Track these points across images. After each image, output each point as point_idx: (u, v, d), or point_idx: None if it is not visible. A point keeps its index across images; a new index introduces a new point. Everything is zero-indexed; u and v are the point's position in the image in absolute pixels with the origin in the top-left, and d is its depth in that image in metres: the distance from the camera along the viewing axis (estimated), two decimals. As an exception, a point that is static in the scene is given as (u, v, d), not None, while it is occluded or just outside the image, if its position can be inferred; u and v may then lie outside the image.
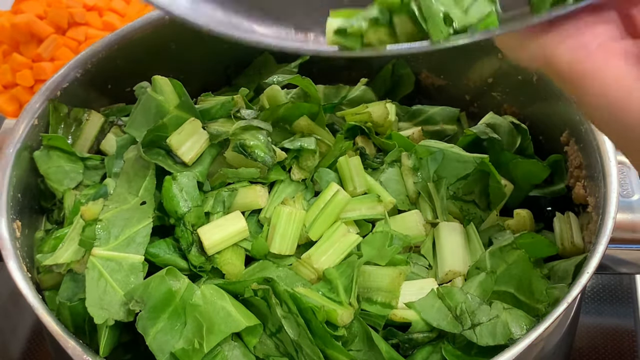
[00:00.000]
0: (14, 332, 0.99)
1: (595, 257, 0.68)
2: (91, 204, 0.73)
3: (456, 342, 0.69)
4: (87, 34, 1.24)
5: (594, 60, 0.47)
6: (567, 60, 0.48)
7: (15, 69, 1.21)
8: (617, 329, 0.96)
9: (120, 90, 0.92)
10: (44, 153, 0.83)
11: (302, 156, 0.77)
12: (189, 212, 0.72)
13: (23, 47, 1.23)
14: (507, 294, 0.72)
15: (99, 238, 0.69)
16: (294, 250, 0.73)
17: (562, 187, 0.84)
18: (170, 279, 0.66)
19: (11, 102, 1.21)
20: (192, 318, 0.65)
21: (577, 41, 0.48)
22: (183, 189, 0.73)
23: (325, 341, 0.65)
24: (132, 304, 0.66)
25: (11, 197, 0.77)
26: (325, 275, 0.70)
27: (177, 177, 0.73)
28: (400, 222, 0.77)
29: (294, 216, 0.72)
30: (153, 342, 0.64)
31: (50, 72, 1.17)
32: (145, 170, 0.75)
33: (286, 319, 0.66)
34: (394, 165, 0.81)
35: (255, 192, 0.75)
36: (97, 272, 0.68)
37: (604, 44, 0.47)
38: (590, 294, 1.00)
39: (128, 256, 0.69)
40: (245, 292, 0.67)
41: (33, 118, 0.82)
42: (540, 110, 0.87)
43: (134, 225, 0.71)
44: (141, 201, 0.73)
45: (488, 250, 0.74)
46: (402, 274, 0.70)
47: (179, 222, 0.72)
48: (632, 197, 0.80)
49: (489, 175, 0.80)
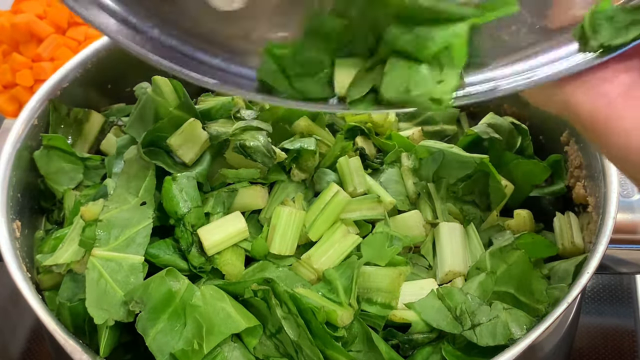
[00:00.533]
0: (13, 332, 0.99)
1: (596, 257, 0.68)
2: (91, 204, 0.73)
3: (456, 342, 0.69)
4: (87, 33, 1.24)
5: (615, 109, 0.48)
6: (589, 109, 0.48)
7: (15, 69, 1.21)
8: (617, 329, 0.96)
9: (121, 90, 0.92)
10: (44, 153, 0.83)
11: (302, 157, 0.77)
12: (188, 213, 0.72)
13: (23, 47, 1.23)
14: (507, 295, 0.72)
15: (99, 238, 0.69)
16: (293, 251, 0.73)
17: (562, 187, 0.84)
18: (170, 280, 0.66)
19: (11, 102, 1.21)
20: (191, 319, 0.65)
21: (598, 90, 0.49)
22: (183, 190, 0.73)
23: (325, 342, 0.65)
24: (132, 304, 0.65)
25: (11, 197, 0.77)
26: (325, 275, 0.70)
27: (177, 178, 0.73)
28: (401, 223, 0.77)
29: (294, 216, 0.72)
30: (153, 343, 0.64)
31: (50, 72, 1.16)
32: (145, 170, 0.74)
33: (286, 319, 0.66)
34: (394, 166, 0.82)
35: (255, 193, 0.75)
36: (97, 272, 0.68)
37: (625, 92, 0.48)
38: (591, 294, 1.00)
39: (128, 257, 0.69)
40: (245, 292, 0.67)
41: (33, 118, 0.83)
42: (540, 111, 0.86)
43: (134, 225, 0.71)
44: (141, 201, 0.73)
45: (488, 251, 0.74)
46: (402, 274, 0.70)
47: (179, 222, 0.72)
48: (632, 197, 0.80)
49: (489, 175, 0.80)
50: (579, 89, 0.49)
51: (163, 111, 0.78)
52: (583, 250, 0.77)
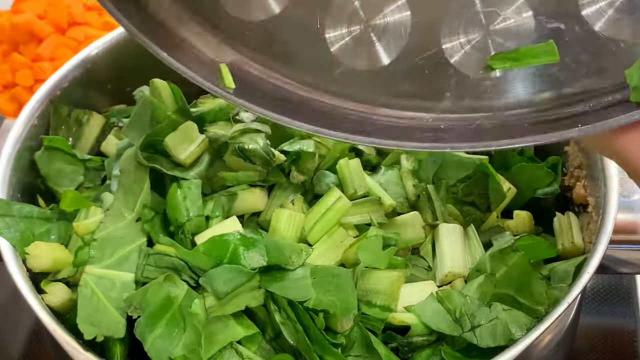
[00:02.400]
0: (14, 332, 1.00)
1: (596, 257, 0.68)
2: (85, 221, 0.73)
3: (455, 344, 0.69)
4: (87, 33, 1.25)
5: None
6: (636, 157, 0.50)
7: (15, 69, 1.22)
8: (618, 329, 0.96)
9: (120, 90, 0.92)
10: (45, 154, 0.83)
11: (302, 159, 0.77)
12: (189, 221, 0.72)
13: (23, 46, 1.23)
14: (507, 296, 0.72)
15: (93, 256, 0.70)
16: (292, 254, 0.73)
17: (556, 187, 0.84)
18: (169, 286, 0.66)
19: (11, 102, 1.21)
20: (191, 326, 0.65)
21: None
22: (187, 197, 0.73)
23: (324, 347, 0.65)
24: (131, 309, 0.66)
25: (10, 197, 0.77)
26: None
27: (183, 185, 0.74)
28: (400, 225, 0.77)
29: (294, 219, 0.72)
30: (151, 349, 0.64)
31: (50, 72, 1.17)
32: (141, 183, 0.75)
33: (285, 325, 0.66)
34: (393, 168, 0.81)
35: (254, 195, 0.75)
36: (90, 289, 0.68)
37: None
38: (591, 294, 1.00)
39: (121, 274, 0.70)
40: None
41: (33, 118, 0.83)
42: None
43: (128, 243, 0.71)
44: (137, 217, 0.73)
45: (488, 253, 0.74)
46: (401, 277, 0.70)
47: (179, 229, 0.72)
48: (632, 197, 0.80)
49: (489, 176, 0.80)
50: (627, 136, 0.50)
51: (161, 115, 0.78)
52: (583, 250, 0.77)
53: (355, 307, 0.66)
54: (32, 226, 0.74)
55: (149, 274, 0.69)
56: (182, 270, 0.68)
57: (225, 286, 0.64)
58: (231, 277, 0.65)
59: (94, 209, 0.76)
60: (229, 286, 0.64)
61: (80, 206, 0.76)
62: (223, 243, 0.67)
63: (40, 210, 0.77)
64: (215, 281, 0.65)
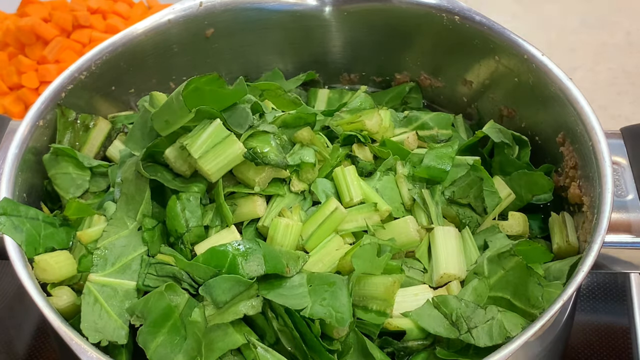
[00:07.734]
0: (19, 329, 1.00)
1: (591, 255, 0.68)
2: (89, 230, 0.74)
3: (451, 347, 0.70)
4: (92, 36, 1.26)
5: None
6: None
7: (21, 71, 1.22)
8: (612, 326, 0.97)
9: (124, 92, 0.93)
10: (53, 157, 0.84)
11: (302, 169, 0.77)
12: (188, 232, 0.73)
13: (28, 49, 1.24)
14: (503, 300, 0.72)
15: (96, 265, 0.71)
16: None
17: (550, 194, 0.85)
18: (170, 294, 0.67)
19: (17, 104, 1.22)
20: (191, 334, 0.66)
21: None
22: (186, 209, 0.74)
23: (320, 354, 0.66)
24: (133, 318, 0.67)
25: (16, 197, 0.78)
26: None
27: (182, 197, 0.74)
28: (395, 229, 0.76)
29: (291, 228, 0.73)
30: (154, 356, 0.66)
31: (55, 74, 1.18)
32: (142, 193, 0.75)
33: (282, 332, 0.67)
34: (389, 174, 0.81)
35: (254, 203, 0.75)
36: (93, 297, 0.69)
37: None
38: (585, 292, 1.01)
39: (123, 282, 0.71)
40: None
41: (38, 119, 0.83)
42: (536, 112, 0.87)
43: (130, 253, 0.73)
44: (138, 226, 0.74)
45: (486, 257, 0.75)
46: (396, 282, 0.70)
47: (178, 240, 0.73)
48: (627, 196, 0.80)
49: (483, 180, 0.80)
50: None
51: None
52: (578, 249, 0.78)
53: (351, 316, 0.67)
54: (37, 228, 0.75)
55: (150, 282, 0.70)
56: (182, 279, 0.69)
57: (224, 295, 0.65)
58: (230, 286, 0.65)
59: (97, 217, 0.77)
60: (227, 295, 0.65)
61: (84, 214, 0.77)
62: (222, 253, 0.67)
63: (45, 215, 0.78)
64: (215, 290, 0.65)
